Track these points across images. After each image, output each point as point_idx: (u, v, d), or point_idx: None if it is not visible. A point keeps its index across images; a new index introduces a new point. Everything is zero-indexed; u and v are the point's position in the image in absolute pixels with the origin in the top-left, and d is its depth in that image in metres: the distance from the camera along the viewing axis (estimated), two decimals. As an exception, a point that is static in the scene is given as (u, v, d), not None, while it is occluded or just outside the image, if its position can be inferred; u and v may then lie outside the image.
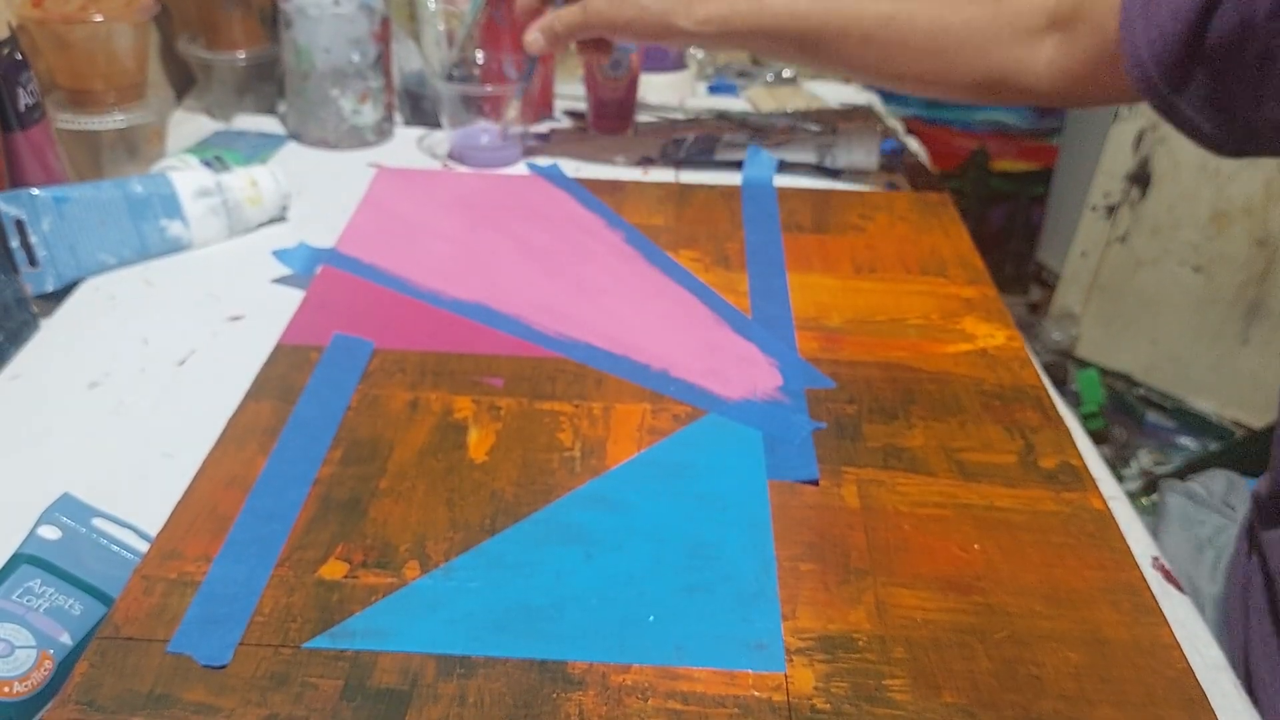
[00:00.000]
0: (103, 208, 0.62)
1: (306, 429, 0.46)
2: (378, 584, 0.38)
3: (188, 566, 0.39)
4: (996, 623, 0.38)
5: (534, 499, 0.43)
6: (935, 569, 0.40)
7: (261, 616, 0.37)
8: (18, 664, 0.35)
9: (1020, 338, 0.56)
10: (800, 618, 0.38)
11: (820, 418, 0.49)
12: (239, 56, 0.85)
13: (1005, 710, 0.35)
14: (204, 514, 0.41)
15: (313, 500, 0.42)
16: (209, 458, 0.44)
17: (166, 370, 0.55)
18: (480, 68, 0.82)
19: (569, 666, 0.35)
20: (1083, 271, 1.80)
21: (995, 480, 0.45)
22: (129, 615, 0.36)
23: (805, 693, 0.35)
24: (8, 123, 0.62)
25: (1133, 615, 0.39)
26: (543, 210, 0.68)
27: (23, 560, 0.38)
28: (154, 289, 0.62)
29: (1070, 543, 0.42)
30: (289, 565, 0.39)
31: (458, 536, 0.41)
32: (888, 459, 0.46)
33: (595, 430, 0.47)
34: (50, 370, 0.55)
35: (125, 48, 0.72)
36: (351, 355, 0.51)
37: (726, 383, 0.51)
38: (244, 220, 0.67)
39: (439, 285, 0.58)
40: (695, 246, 0.64)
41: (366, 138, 0.83)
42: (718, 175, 0.79)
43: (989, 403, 0.50)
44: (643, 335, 0.55)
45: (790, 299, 0.59)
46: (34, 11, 0.68)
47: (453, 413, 0.48)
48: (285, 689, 0.34)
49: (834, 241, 0.66)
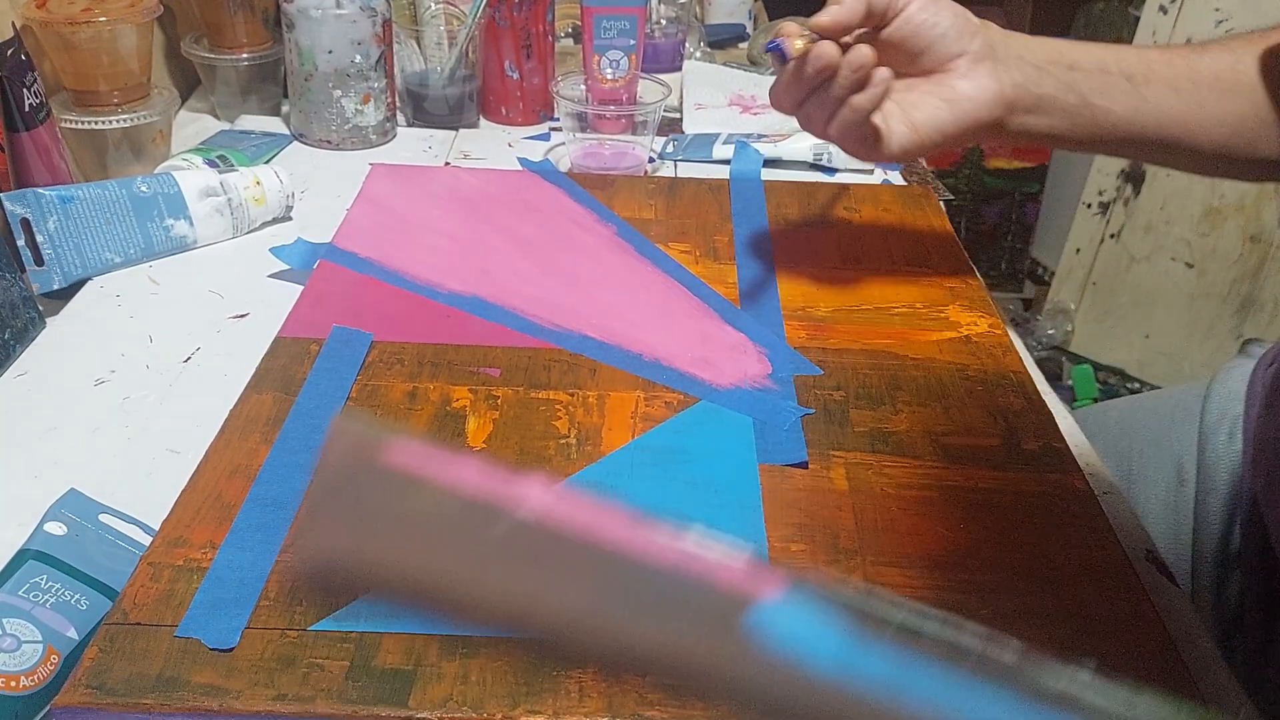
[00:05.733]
0: (108, 207, 0.63)
1: (308, 419, 0.47)
2: (380, 567, 0.39)
3: (194, 553, 0.39)
4: (981, 600, 0.39)
5: (531, 485, 0.44)
6: (921, 548, 0.41)
7: (267, 601, 0.38)
8: (24, 658, 0.36)
9: (1003, 325, 0.58)
10: (790, 596, 0.39)
11: (808, 404, 0.50)
12: (242, 57, 0.86)
13: (989, 683, 0.36)
14: (209, 502, 0.42)
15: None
16: (212, 448, 0.45)
17: (172, 367, 0.56)
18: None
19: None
20: (1077, 268, 1.81)
21: (979, 463, 0.46)
22: (137, 601, 0.37)
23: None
24: (13, 123, 0.63)
25: (1115, 591, 0.40)
26: (535, 205, 0.69)
27: (29, 556, 0.39)
28: (159, 287, 0.63)
29: (1053, 522, 0.43)
30: (293, 550, 0.40)
31: (457, 521, 0.42)
32: (874, 443, 0.47)
33: (590, 418, 0.48)
34: (56, 368, 0.56)
35: (129, 48, 0.73)
36: (350, 347, 0.52)
37: (717, 371, 0.52)
38: (248, 219, 0.68)
39: (435, 278, 0.59)
40: (685, 239, 0.66)
41: (369, 138, 0.84)
42: (707, 169, 0.81)
43: (972, 388, 0.52)
44: (635, 326, 0.56)
45: (778, 289, 0.60)
46: (38, 13, 0.69)
47: (451, 402, 0.49)
48: (292, 670, 0.35)
49: (821, 233, 0.67)
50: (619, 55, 0.83)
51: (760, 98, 0.97)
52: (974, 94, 0.53)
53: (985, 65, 0.53)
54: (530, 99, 0.90)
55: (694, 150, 0.84)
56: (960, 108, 0.53)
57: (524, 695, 0.34)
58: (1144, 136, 0.55)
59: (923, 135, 0.53)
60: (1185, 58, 0.55)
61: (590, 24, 0.83)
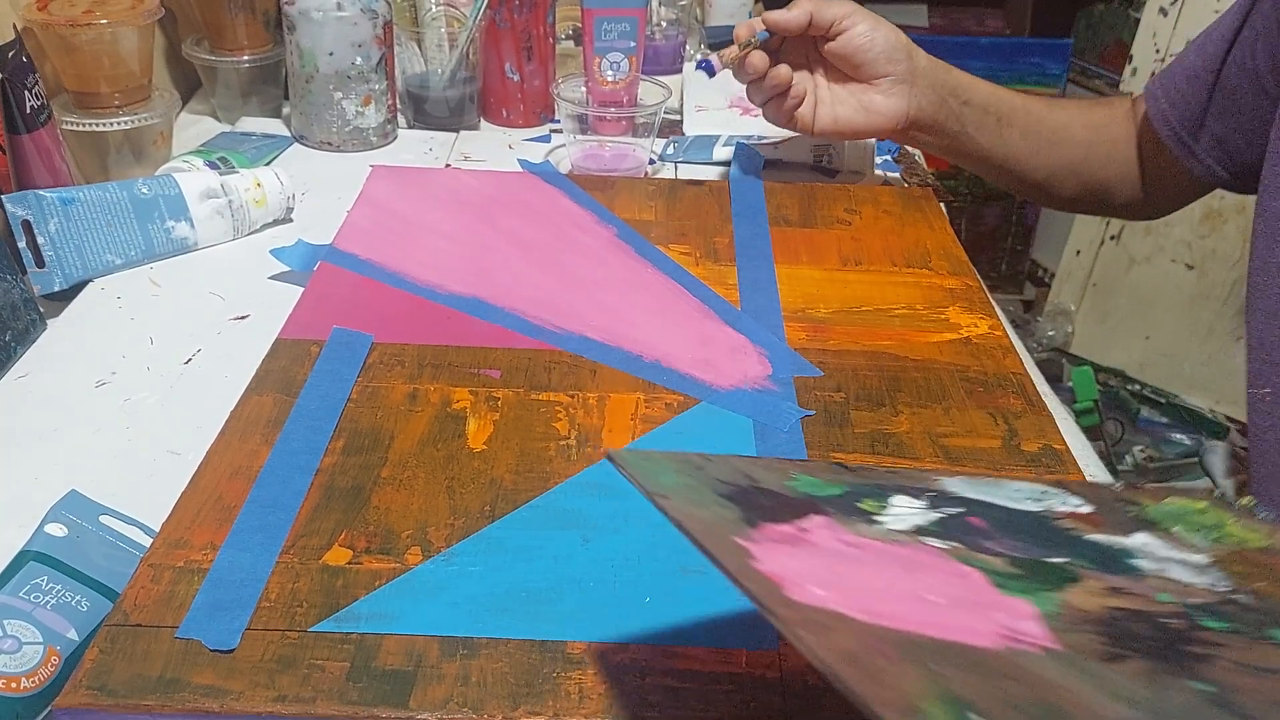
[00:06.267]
0: (109, 209, 0.63)
1: (309, 420, 0.47)
2: (381, 569, 0.39)
3: (194, 555, 0.40)
4: (981, 601, 0.39)
5: (532, 486, 0.44)
6: (922, 550, 0.41)
7: (268, 602, 0.38)
8: (25, 660, 0.36)
9: (1003, 327, 0.58)
10: (791, 598, 0.39)
11: (808, 405, 0.50)
12: (243, 60, 0.86)
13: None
14: (209, 504, 0.42)
15: (316, 489, 0.43)
16: (212, 449, 0.45)
17: (172, 369, 0.56)
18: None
19: (569, 646, 0.36)
20: (1077, 269, 1.81)
21: (980, 464, 0.46)
22: (137, 602, 0.37)
23: (798, 669, 0.36)
24: (14, 125, 0.63)
25: (1114, 593, 0.40)
26: (536, 206, 0.69)
27: (30, 557, 0.39)
28: (160, 289, 0.63)
29: (1053, 524, 0.43)
30: (294, 552, 0.40)
31: (458, 523, 0.42)
32: (875, 445, 0.47)
33: (590, 419, 0.48)
34: (57, 369, 0.56)
35: (130, 51, 0.73)
36: (351, 348, 0.52)
37: (717, 372, 0.52)
38: (249, 221, 0.68)
39: (435, 280, 0.59)
40: (685, 241, 0.66)
41: (370, 140, 0.84)
42: (707, 171, 0.81)
43: (973, 389, 0.52)
44: (635, 327, 0.56)
45: (778, 291, 0.60)
46: (40, 15, 0.70)
47: (451, 403, 0.49)
48: (293, 671, 0.35)
49: (821, 235, 0.67)
50: (619, 57, 0.83)
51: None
52: (885, 110, 0.69)
53: (902, 88, 0.68)
54: (531, 101, 0.90)
55: (694, 152, 0.84)
56: (872, 117, 0.69)
57: (524, 696, 0.35)
58: (992, 163, 0.72)
59: (839, 127, 0.70)
60: (1042, 110, 0.71)
61: (591, 26, 0.83)
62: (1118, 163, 0.71)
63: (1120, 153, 0.71)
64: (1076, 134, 0.71)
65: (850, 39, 0.66)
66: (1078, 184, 0.72)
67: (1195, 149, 0.66)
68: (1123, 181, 0.72)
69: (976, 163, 0.73)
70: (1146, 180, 0.71)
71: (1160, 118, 0.67)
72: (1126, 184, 0.72)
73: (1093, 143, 0.71)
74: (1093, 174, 0.72)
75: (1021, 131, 0.70)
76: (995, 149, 0.71)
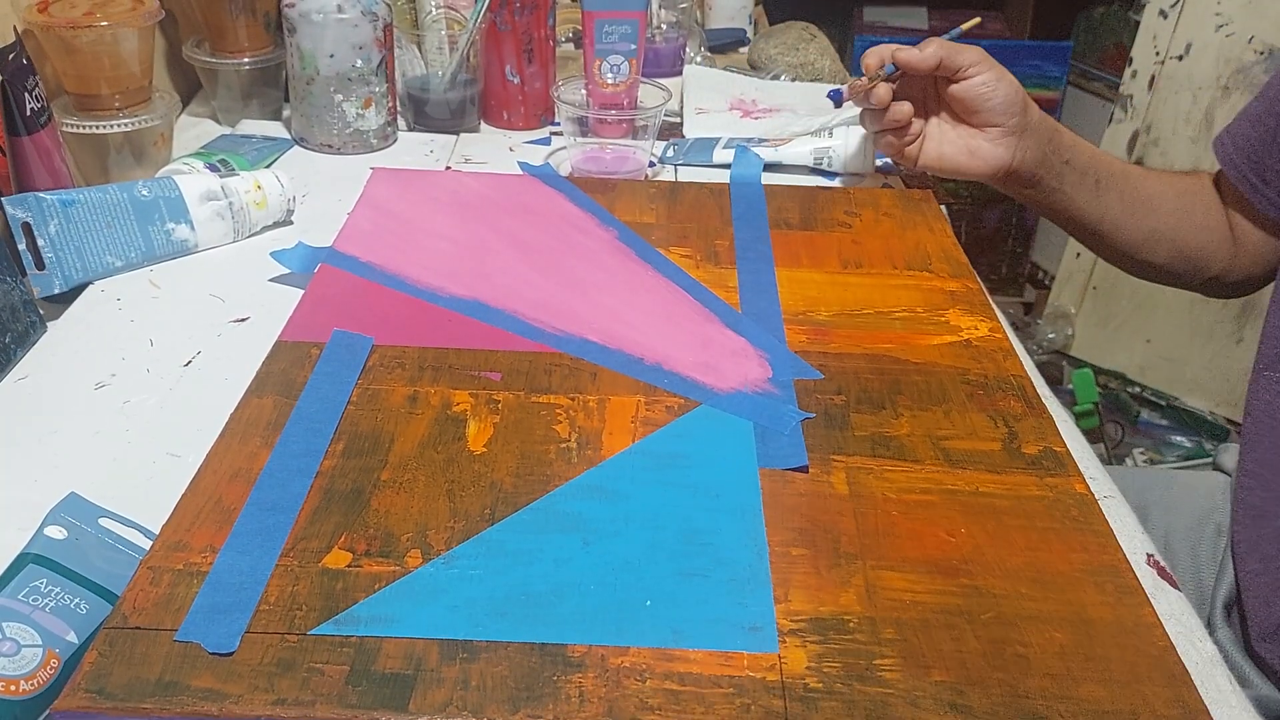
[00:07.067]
0: (109, 211, 0.63)
1: (308, 423, 0.47)
2: (381, 572, 0.39)
3: (194, 557, 0.39)
4: (983, 604, 0.39)
5: (532, 489, 0.44)
6: (923, 552, 0.41)
7: (267, 605, 0.38)
8: (24, 663, 0.36)
9: (1003, 329, 0.58)
10: (793, 601, 0.39)
11: (809, 408, 0.50)
12: (244, 62, 0.86)
13: (993, 688, 0.36)
14: (209, 506, 0.42)
15: (316, 492, 0.43)
16: (212, 451, 0.45)
17: (172, 371, 0.56)
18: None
19: (569, 649, 0.36)
20: (1077, 272, 1.81)
21: (980, 467, 0.46)
22: (136, 605, 0.37)
23: (798, 673, 0.36)
24: (15, 127, 0.63)
25: (1116, 596, 0.40)
26: (536, 209, 0.69)
27: (29, 559, 0.39)
28: (160, 291, 0.63)
29: (1054, 526, 0.43)
30: (293, 555, 0.40)
31: (458, 526, 0.42)
32: (875, 447, 0.47)
33: (591, 422, 0.48)
34: (57, 371, 0.56)
35: (131, 52, 0.73)
36: (351, 351, 0.52)
37: (718, 375, 0.52)
38: (249, 223, 0.68)
39: (436, 282, 0.59)
40: (686, 243, 0.66)
41: (370, 142, 0.84)
42: (707, 174, 0.81)
43: (973, 392, 0.52)
44: (636, 330, 0.56)
45: (779, 294, 0.60)
46: (40, 17, 0.70)
47: (452, 406, 0.49)
48: (292, 674, 0.35)
49: (821, 237, 0.67)
50: (620, 60, 0.84)
51: (761, 102, 0.97)
52: (989, 157, 0.70)
53: (1010, 139, 0.69)
54: (531, 103, 0.90)
55: (695, 155, 0.84)
56: (975, 161, 0.71)
57: (524, 700, 0.34)
58: (1085, 224, 0.74)
59: (943, 164, 0.72)
60: (1139, 177, 0.73)
61: (591, 29, 0.83)
62: (1208, 230, 0.72)
63: (1211, 220, 0.72)
64: (1170, 201, 0.73)
65: (973, 86, 0.68)
66: (1170, 250, 0.73)
67: (1264, 190, 0.68)
68: (1215, 248, 0.73)
69: (1069, 221, 0.74)
70: (1236, 242, 0.73)
71: (1228, 162, 0.69)
72: (1218, 250, 0.73)
73: (1185, 210, 0.72)
74: (1185, 240, 0.73)
75: (1119, 195, 0.72)
76: (1091, 210, 0.72)
